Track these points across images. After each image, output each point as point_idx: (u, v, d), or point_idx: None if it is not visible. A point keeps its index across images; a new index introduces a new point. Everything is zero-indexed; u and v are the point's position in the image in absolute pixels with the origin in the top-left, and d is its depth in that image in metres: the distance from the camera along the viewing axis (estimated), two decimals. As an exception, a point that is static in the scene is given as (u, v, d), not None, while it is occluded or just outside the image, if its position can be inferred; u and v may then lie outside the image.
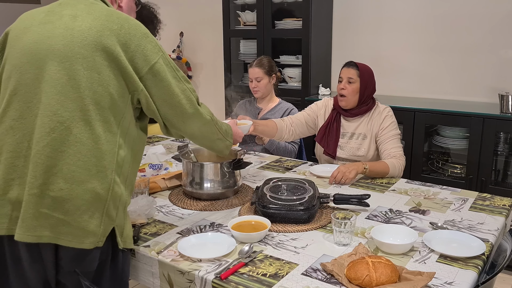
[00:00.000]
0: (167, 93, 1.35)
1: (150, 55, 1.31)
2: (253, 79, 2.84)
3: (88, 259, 1.28)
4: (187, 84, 1.40)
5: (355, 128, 2.40)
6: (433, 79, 3.37)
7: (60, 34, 1.26)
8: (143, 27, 1.34)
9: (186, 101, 1.38)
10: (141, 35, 1.31)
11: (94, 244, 1.25)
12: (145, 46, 1.31)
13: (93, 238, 1.25)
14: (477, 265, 1.36)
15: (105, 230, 1.27)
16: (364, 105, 2.37)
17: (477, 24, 3.14)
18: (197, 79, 4.68)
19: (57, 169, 1.22)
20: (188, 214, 1.76)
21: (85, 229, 1.24)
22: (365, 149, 2.35)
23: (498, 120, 2.75)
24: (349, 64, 2.38)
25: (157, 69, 1.32)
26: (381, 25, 3.50)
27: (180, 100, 1.37)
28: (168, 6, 4.67)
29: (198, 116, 1.43)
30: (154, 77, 1.32)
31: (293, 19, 3.55)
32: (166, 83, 1.34)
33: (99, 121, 1.26)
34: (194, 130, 1.46)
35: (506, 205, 1.82)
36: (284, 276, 1.31)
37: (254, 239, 1.51)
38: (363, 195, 1.78)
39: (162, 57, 1.34)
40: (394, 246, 1.43)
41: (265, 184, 1.83)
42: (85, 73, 1.24)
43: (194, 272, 1.34)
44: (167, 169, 2.24)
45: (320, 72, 3.62)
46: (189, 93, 1.40)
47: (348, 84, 2.34)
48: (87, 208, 1.24)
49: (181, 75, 1.39)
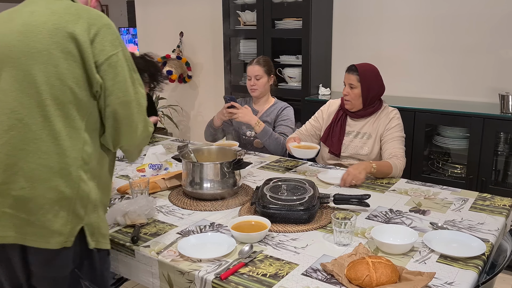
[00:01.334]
0: (122, 89, 1.28)
1: (109, 46, 1.26)
2: (252, 77, 2.79)
3: (59, 262, 1.25)
4: (140, 88, 1.34)
5: (360, 127, 2.41)
6: (433, 79, 3.36)
7: (17, 31, 1.23)
8: (105, 18, 1.29)
9: (136, 104, 1.31)
10: (102, 25, 1.26)
11: (60, 244, 1.23)
12: (104, 36, 1.25)
13: (59, 237, 1.22)
14: (477, 265, 1.36)
15: (73, 230, 1.24)
16: (370, 107, 2.38)
17: (477, 24, 3.14)
18: (197, 79, 4.68)
19: (17, 167, 1.20)
20: (188, 214, 1.76)
21: (50, 228, 1.21)
22: (369, 148, 2.36)
23: (498, 120, 2.74)
24: (350, 69, 2.37)
25: (114, 61, 1.26)
26: (381, 25, 3.50)
27: (131, 100, 1.30)
28: (168, 6, 4.67)
29: (145, 125, 1.36)
30: (111, 69, 1.26)
31: (293, 19, 3.55)
32: (122, 78, 1.28)
33: (59, 117, 1.22)
34: (139, 140, 1.37)
35: (506, 205, 1.82)
36: (284, 276, 1.31)
37: (254, 239, 1.51)
38: (363, 195, 1.78)
39: (122, 52, 1.29)
40: (394, 246, 1.43)
41: (265, 184, 1.83)
42: (40, 67, 1.20)
43: (194, 272, 1.34)
44: (167, 169, 2.24)
45: (320, 72, 3.62)
46: (140, 97, 1.33)
47: (350, 89, 2.35)
48: (50, 207, 1.21)
49: (137, 77, 1.34)
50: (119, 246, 1.53)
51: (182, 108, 4.86)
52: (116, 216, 1.64)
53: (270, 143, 2.61)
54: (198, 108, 4.76)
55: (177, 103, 4.87)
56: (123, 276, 1.62)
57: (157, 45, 4.84)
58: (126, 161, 2.47)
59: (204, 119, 4.54)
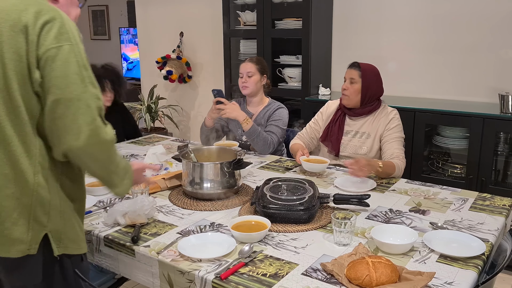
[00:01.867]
0: (59, 85, 1.15)
1: (51, 40, 1.15)
2: (244, 74, 2.67)
3: (26, 270, 1.22)
4: (91, 88, 1.20)
5: (359, 126, 2.42)
6: (433, 79, 3.37)
7: None
8: (57, 12, 1.20)
9: (83, 104, 1.17)
10: (50, 19, 1.17)
11: (22, 252, 1.19)
12: (50, 30, 1.16)
13: (20, 245, 1.19)
14: (477, 265, 1.36)
15: (36, 237, 1.21)
16: (368, 106, 2.38)
17: (477, 24, 3.14)
18: (197, 79, 4.68)
19: None
20: (188, 214, 1.76)
21: (9, 237, 1.18)
22: (367, 148, 2.36)
23: (498, 120, 2.74)
24: (353, 65, 2.41)
25: (52, 55, 1.15)
26: (381, 25, 3.50)
27: (71, 99, 1.16)
28: (168, 6, 4.67)
29: (94, 128, 1.18)
30: (47, 63, 1.15)
31: (293, 19, 3.55)
32: (60, 73, 1.16)
33: (9, 121, 1.17)
34: (85, 145, 1.18)
35: (506, 205, 1.82)
36: (284, 276, 1.31)
37: (254, 239, 1.51)
38: (363, 195, 1.78)
39: (70, 46, 1.17)
40: (394, 246, 1.43)
41: (265, 184, 1.83)
42: None
43: (194, 272, 1.34)
44: (167, 169, 2.24)
45: (320, 72, 3.62)
46: (88, 97, 1.18)
47: (350, 84, 2.37)
48: (8, 215, 1.18)
49: (88, 75, 1.21)
50: (119, 246, 1.53)
51: (182, 108, 4.86)
52: (116, 216, 1.64)
53: (257, 142, 2.54)
54: (198, 108, 4.76)
55: (177, 103, 4.87)
56: (123, 276, 1.62)
57: (157, 45, 4.84)
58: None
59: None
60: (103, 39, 7.67)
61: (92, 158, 1.23)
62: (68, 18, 1.23)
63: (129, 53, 7.15)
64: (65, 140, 1.17)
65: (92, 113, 1.18)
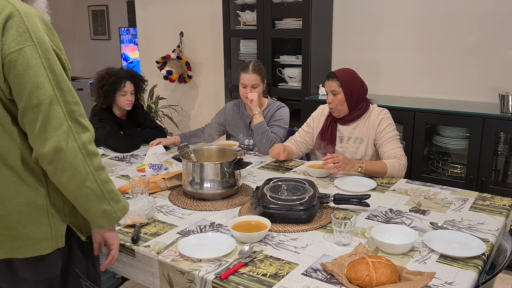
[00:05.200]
0: (24, 93, 1.08)
1: (12, 41, 1.07)
2: (249, 86, 2.63)
3: (49, 262, 1.24)
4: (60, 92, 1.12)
5: (351, 131, 2.40)
6: (433, 79, 3.36)
7: None
8: (19, 5, 1.10)
9: (53, 111, 1.10)
10: (9, 15, 1.08)
11: (51, 247, 1.22)
12: (9, 29, 1.07)
13: (47, 243, 1.21)
14: (477, 265, 1.36)
15: (60, 231, 1.23)
16: (357, 110, 2.36)
17: (477, 24, 3.14)
18: (197, 79, 4.68)
19: None
20: (188, 214, 1.76)
21: (35, 237, 1.20)
22: (362, 153, 2.36)
23: (498, 120, 2.74)
24: (328, 76, 2.36)
25: (14, 60, 1.07)
26: (381, 25, 3.50)
27: (38, 104, 1.09)
28: (168, 6, 4.67)
29: (61, 134, 1.11)
30: (10, 70, 1.08)
31: (293, 19, 3.55)
32: (23, 80, 1.08)
33: (3, 131, 1.14)
34: (50, 153, 1.11)
35: (506, 205, 1.82)
36: (284, 276, 1.31)
37: (254, 239, 1.51)
38: (363, 195, 1.78)
39: (32, 47, 1.08)
40: (394, 246, 1.43)
41: (265, 184, 1.83)
42: None
43: (194, 272, 1.34)
44: (167, 169, 2.24)
45: (320, 72, 3.61)
46: (56, 102, 1.11)
47: (333, 96, 2.34)
48: (28, 219, 1.19)
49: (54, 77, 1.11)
50: (119, 246, 1.53)
51: (182, 108, 4.86)
52: (116, 216, 1.63)
53: (262, 138, 2.58)
54: (198, 108, 4.76)
55: (177, 103, 4.87)
56: (123, 276, 1.62)
57: (157, 45, 4.84)
58: (126, 161, 2.47)
59: (204, 119, 4.54)
60: (103, 39, 7.67)
61: (59, 168, 1.13)
62: (27, 11, 1.11)
63: (129, 53, 7.15)
64: (34, 146, 1.13)
65: (60, 118, 1.11)
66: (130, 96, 2.71)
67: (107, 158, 2.53)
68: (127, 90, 2.69)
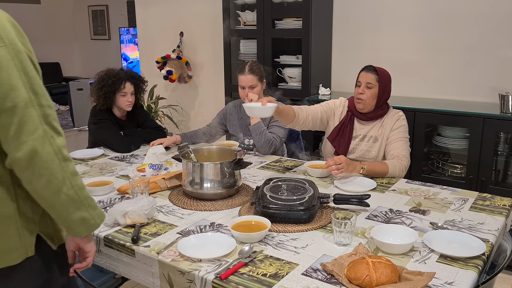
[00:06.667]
0: (1, 96, 1.05)
1: None
2: (247, 87, 2.62)
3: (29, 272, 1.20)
4: (34, 95, 1.09)
5: (367, 131, 2.39)
6: (433, 79, 3.37)
7: None
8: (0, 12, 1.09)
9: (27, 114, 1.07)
10: None
11: (21, 257, 1.17)
12: None
13: (15, 253, 1.17)
14: (477, 265, 1.36)
15: (29, 240, 1.19)
16: (380, 110, 2.36)
17: (477, 24, 3.14)
18: (197, 79, 4.68)
19: None
20: (188, 214, 1.76)
21: (2, 249, 1.15)
22: (375, 152, 2.35)
23: (498, 120, 2.74)
24: (368, 68, 2.34)
25: None
26: (381, 25, 3.50)
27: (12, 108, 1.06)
28: (168, 6, 4.67)
29: (37, 138, 1.08)
30: None
31: (293, 19, 3.55)
32: None
33: None
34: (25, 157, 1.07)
35: (506, 205, 1.82)
36: (284, 276, 1.31)
37: (254, 239, 1.51)
38: (363, 195, 1.78)
39: (4, 49, 1.06)
40: (394, 246, 1.43)
41: (265, 184, 1.83)
42: None
43: (194, 272, 1.34)
44: (167, 169, 2.24)
45: (320, 72, 3.62)
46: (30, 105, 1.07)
47: (366, 89, 2.30)
48: None
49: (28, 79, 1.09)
50: (119, 246, 1.53)
51: (182, 108, 4.86)
52: (116, 216, 1.64)
53: (260, 139, 2.57)
54: (198, 108, 4.76)
55: (177, 103, 4.87)
56: (123, 276, 1.62)
57: (157, 45, 4.84)
58: (126, 161, 2.47)
59: (204, 119, 4.54)
60: (103, 39, 7.67)
61: (35, 173, 1.09)
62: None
63: (129, 53, 7.16)
64: (8, 152, 1.09)
65: (35, 122, 1.08)
66: (130, 97, 2.71)
67: (107, 158, 2.53)
68: (127, 91, 2.69)
